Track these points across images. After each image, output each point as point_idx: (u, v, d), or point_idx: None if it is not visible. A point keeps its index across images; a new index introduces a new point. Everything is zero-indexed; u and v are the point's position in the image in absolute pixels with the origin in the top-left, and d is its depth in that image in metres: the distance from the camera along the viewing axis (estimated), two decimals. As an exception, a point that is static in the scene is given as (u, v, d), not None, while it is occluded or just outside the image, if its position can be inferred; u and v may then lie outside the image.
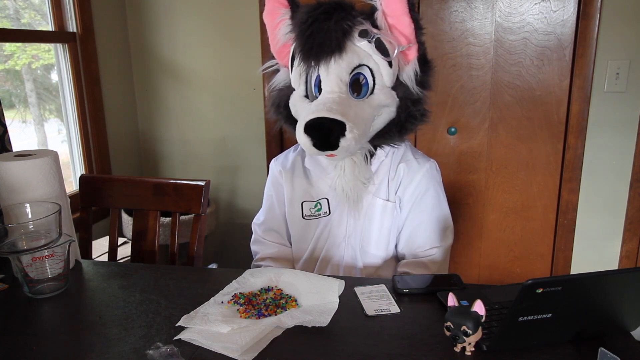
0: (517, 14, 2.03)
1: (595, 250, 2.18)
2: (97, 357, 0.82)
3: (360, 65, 1.11)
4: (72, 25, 2.08)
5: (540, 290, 0.71)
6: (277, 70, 1.27)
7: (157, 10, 2.35)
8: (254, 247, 1.39)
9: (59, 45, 2.07)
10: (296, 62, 1.14)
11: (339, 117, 1.05)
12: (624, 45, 1.96)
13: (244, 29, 2.27)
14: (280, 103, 1.24)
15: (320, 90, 1.14)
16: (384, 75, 1.12)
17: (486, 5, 2.04)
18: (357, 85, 1.13)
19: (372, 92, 1.13)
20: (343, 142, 1.07)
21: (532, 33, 2.03)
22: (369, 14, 1.13)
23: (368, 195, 1.25)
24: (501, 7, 2.03)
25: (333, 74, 1.10)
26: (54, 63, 2.09)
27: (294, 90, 1.21)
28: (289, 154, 1.37)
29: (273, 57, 1.26)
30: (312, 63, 1.11)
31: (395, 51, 1.11)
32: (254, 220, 1.40)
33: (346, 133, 1.06)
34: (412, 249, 1.26)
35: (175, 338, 0.85)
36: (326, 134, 1.06)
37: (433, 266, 1.24)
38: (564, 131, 2.10)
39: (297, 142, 1.16)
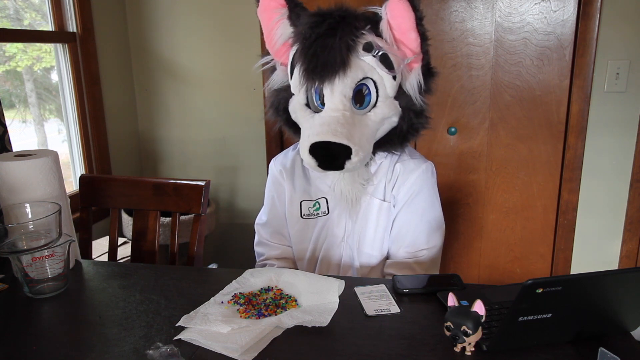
0: (517, 14, 2.03)
1: (595, 250, 2.18)
2: (97, 357, 0.82)
3: (364, 78, 1.09)
4: (72, 25, 2.08)
5: (540, 290, 0.71)
6: (274, 67, 1.23)
7: (157, 10, 2.36)
8: (258, 249, 1.37)
9: (59, 46, 2.07)
10: (298, 76, 1.11)
11: (344, 142, 1.04)
12: (624, 45, 1.96)
13: (244, 28, 2.27)
14: (279, 106, 1.22)
15: (321, 100, 1.12)
16: (388, 87, 1.11)
17: (486, 5, 2.04)
18: (360, 96, 1.11)
19: (374, 105, 1.12)
20: (349, 165, 1.07)
21: (532, 33, 2.03)
22: (373, 21, 1.10)
23: (366, 196, 1.24)
24: (501, 7, 2.03)
25: (337, 92, 1.09)
26: (54, 64, 2.09)
27: (292, 93, 1.18)
28: (289, 153, 1.36)
29: (269, 53, 1.22)
30: (317, 83, 1.09)
31: (401, 65, 1.10)
32: (257, 221, 1.39)
33: (352, 157, 1.06)
34: (399, 248, 1.26)
35: (175, 338, 0.85)
36: (332, 158, 1.06)
37: (419, 268, 1.23)
38: (564, 131, 2.10)
39: (296, 142, 1.16)
